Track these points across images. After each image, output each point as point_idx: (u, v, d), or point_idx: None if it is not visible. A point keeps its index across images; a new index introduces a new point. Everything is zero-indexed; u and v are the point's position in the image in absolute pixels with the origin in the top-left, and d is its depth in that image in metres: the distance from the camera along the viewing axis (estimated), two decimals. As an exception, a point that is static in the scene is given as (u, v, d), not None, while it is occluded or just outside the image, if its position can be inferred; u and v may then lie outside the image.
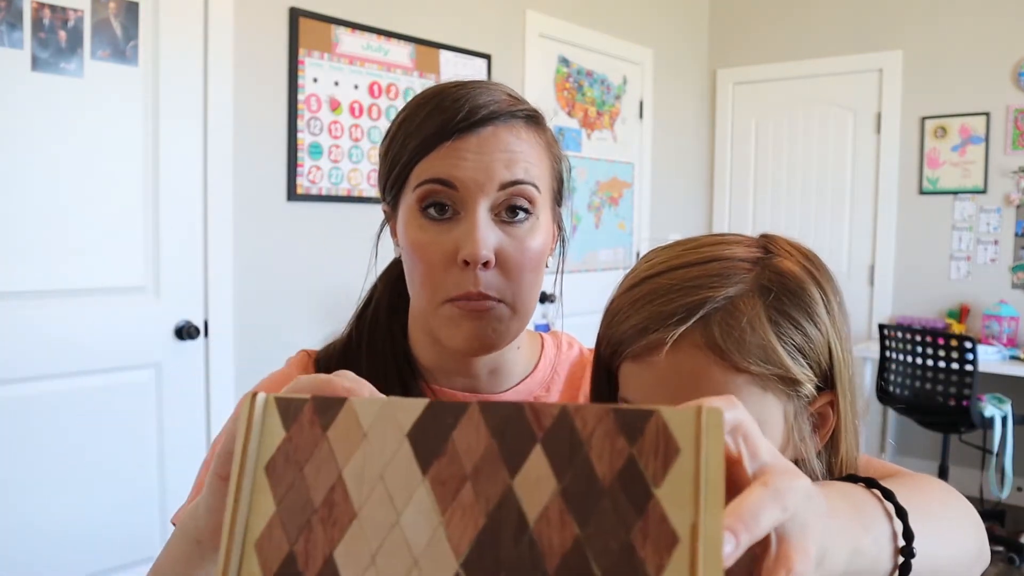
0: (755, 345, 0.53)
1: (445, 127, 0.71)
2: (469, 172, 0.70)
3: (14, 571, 2.06)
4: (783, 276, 0.56)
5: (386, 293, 0.84)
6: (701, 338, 0.53)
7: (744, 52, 4.55)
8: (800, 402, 0.56)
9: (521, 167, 0.72)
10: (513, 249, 0.72)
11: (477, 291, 0.70)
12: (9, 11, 1.99)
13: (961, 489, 3.96)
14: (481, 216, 0.70)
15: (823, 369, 0.56)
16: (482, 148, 0.71)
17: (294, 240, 2.63)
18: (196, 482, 0.79)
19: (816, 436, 0.57)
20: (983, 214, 3.87)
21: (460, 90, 0.74)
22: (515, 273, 0.72)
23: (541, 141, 0.76)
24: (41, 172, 2.08)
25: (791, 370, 0.54)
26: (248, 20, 2.47)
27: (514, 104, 0.75)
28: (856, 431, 0.59)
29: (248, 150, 2.50)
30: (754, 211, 4.58)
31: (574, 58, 3.74)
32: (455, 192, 0.71)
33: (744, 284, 0.54)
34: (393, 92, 2.88)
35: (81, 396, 2.17)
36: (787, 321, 0.54)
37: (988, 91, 3.82)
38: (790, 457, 0.57)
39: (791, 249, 0.59)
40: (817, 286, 0.56)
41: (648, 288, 0.56)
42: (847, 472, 0.59)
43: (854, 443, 0.59)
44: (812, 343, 0.55)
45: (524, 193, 0.72)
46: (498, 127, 0.73)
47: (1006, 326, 3.68)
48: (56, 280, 2.12)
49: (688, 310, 0.53)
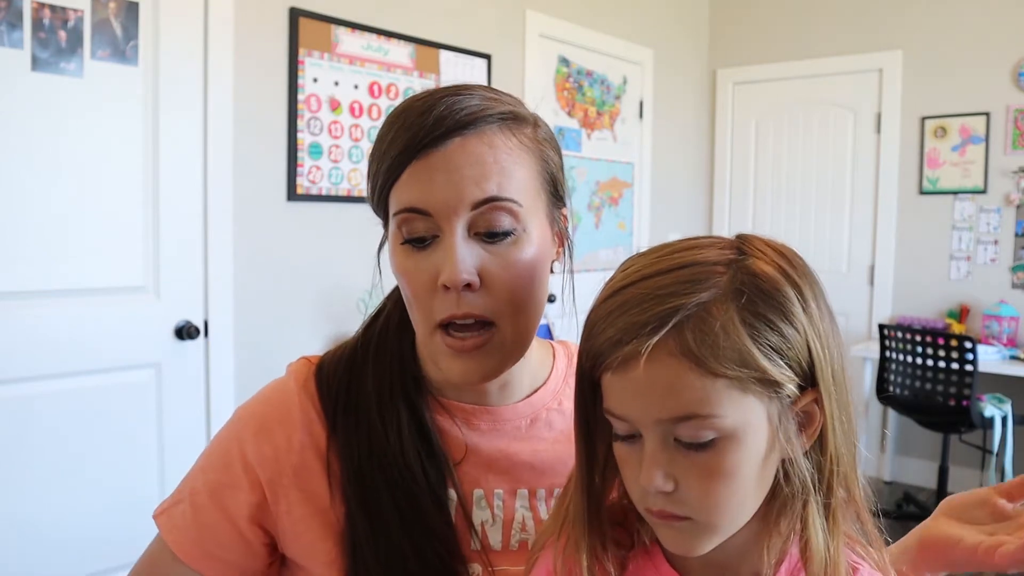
0: (730, 349, 0.53)
1: (409, 146, 0.68)
2: (439, 195, 0.67)
3: (13, 571, 2.06)
4: (756, 277, 0.55)
5: (396, 308, 0.81)
6: (676, 346, 0.53)
7: (744, 52, 4.55)
8: (783, 402, 0.55)
9: (494, 182, 0.68)
10: (497, 267, 0.69)
11: (462, 312, 0.68)
12: (9, 11, 1.99)
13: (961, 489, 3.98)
14: (458, 239, 0.67)
15: (804, 368, 0.55)
16: (449, 165, 0.67)
17: (294, 240, 2.63)
18: (188, 487, 0.77)
19: (803, 436, 0.57)
20: (983, 214, 3.87)
21: (426, 102, 0.70)
22: (503, 291, 0.69)
23: (522, 142, 0.71)
24: (41, 172, 2.08)
25: (769, 372, 0.53)
26: (248, 20, 2.47)
27: (486, 107, 0.70)
28: (848, 428, 0.58)
29: (248, 150, 2.50)
30: (754, 211, 4.58)
31: (574, 58, 3.74)
32: (429, 218, 0.68)
33: (717, 288, 0.54)
34: (393, 92, 2.88)
35: (81, 396, 2.17)
36: (762, 323, 0.54)
37: (988, 91, 3.82)
38: (777, 458, 0.57)
39: (765, 249, 0.58)
40: (792, 285, 0.56)
41: (622, 299, 0.56)
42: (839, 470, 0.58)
43: (845, 440, 0.58)
44: (789, 343, 0.54)
45: (500, 209, 0.68)
46: (466, 138, 0.68)
47: (1006, 326, 3.68)
48: (56, 280, 2.12)
49: (661, 319, 0.53)
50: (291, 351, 2.59)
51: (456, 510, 0.74)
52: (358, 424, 0.74)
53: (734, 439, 0.54)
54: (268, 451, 0.74)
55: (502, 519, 0.76)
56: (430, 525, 0.71)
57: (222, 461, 0.75)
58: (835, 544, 0.58)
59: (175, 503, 0.77)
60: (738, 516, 0.57)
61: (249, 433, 0.75)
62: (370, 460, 0.73)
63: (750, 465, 0.55)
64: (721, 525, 0.56)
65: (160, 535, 0.77)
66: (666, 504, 0.55)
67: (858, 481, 0.60)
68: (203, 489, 0.75)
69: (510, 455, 0.78)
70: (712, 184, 4.72)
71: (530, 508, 0.77)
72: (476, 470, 0.77)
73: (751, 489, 0.56)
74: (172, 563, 0.75)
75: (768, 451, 0.56)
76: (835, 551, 0.57)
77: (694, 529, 0.56)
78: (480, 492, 0.76)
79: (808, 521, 0.57)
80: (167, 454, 2.35)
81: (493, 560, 0.74)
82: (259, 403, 0.78)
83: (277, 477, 0.73)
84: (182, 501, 0.76)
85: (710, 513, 0.55)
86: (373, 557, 0.70)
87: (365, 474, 0.72)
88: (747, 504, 0.57)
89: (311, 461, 0.74)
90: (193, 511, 0.75)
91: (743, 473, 0.55)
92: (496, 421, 0.78)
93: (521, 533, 0.76)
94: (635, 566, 0.63)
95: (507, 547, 0.76)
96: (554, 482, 0.79)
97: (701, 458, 0.54)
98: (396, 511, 0.71)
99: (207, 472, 0.76)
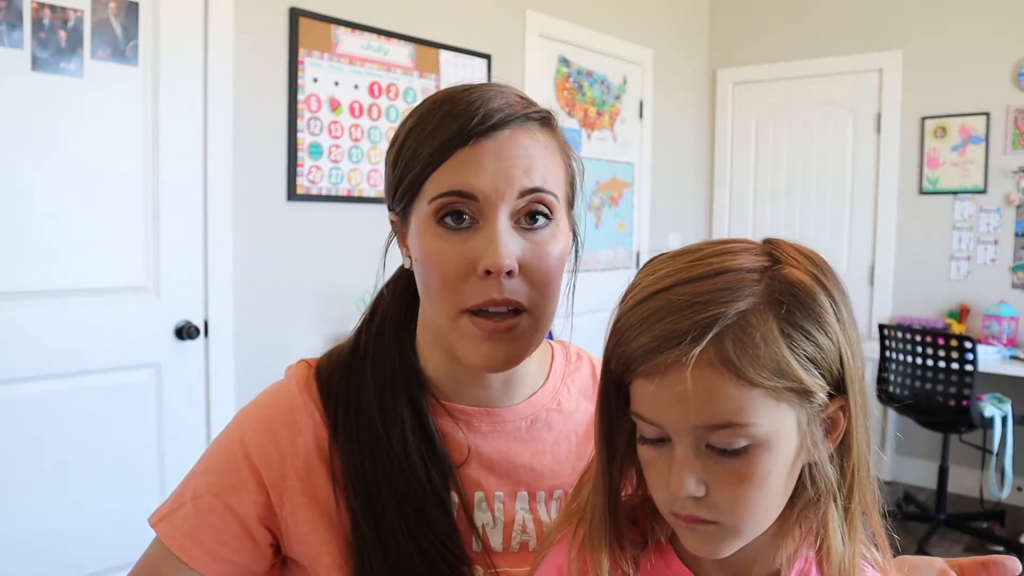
0: (768, 360, 0.53)
1: (461, 132, 0.68)
2: (488, 180, 0.68)
3: (13, 571, 2.06)
4: (793, 287, 0.55)
5: (393, 304, 0.81)
6: (715, 355, 0.52)
7: (744, 52, 4.55)
8: (812, 409, 0.56)
9: (539, 173, 0.71)
10: (535, 256, 0.70)
11: (502, 297, 0.68)
12: (9, 11, 1.99)
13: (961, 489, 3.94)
14: (502, 225, 0.68)
15: (835, 377, 0.56)
16: (500, 154, 0.69)
17: (294, 240, 2.63)
18: (189, 491, 0.75)
19: (828, 440, 0.58)
20: (983, 214, 3.87)
21: (472, 93, 0.71)
22: (539, 280, 0.70)
23: (555, 143, 0.75)
24: (41, 172, 2.08)
25: (804, 382, 0.54)
26: (248, 20, 2.47)
27: (527, 106, 0.73)
28: (868, 432, 0.59)
29: (248, 150, 2.50)
30: (754, 211, 4.58)
31: (574, 58, 3.74)
32: (474, 202, 0.69)
33: (754, 297, 0.54)
34: (393, 92, 2.88)
35: (81, 396, 2.17)
36: (799, 333, 0.54)
37: (988, 91, 3.82)
38: (803, 462, 0.57)
39: (797, 255, 0.58)
40: (827, 294, 0.56)
41: (656, 304, 0.55)
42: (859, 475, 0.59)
43: (866, 444, 0.59)
44: (824, 352, 0.55)
45: (543, 200, 0.71)
46: (515, 130, 0.71)
47: (1006, 326, 3.68)
48: (56, 280, 2.12)
49: (701, 328, 0.53)
50: (291, 351, 2.59)
51: (458, 512, 0.74)
52: (359, 429, 0.74)
53: (766, 446, 0.54)
54: (273, 453, 0.74)
55: (503, 521, 0.76)
56: (436, 530, 0.71)
57: (226, 463, 0.75)
58: (852, 547, 0.58)
59: (175, 508, 0.75)
60: (764, 520, 0.57)
61: (253, 435, 0.75)
62: (374, 466, 0.73)
63: (779, 471, 0.55)
64: (747, 529, 0.56)
65: (159, 540, 0.76)
66: (695, 509, 0.55)
67: (871, 484, 0.61)
68: (207, 491, 0.74)
69: (510, 457, 0.78)
70: (712, 184, 4.72)
71: (530, 511, 0.78)
72: (477, 472, 0.77)
73: (778, 494, 0.57)
74: (176, 567, 0.74)
75: (796, 457, 0.56)
76: (851, 554, 0.58)
77: (720, 533, 0.56)
78: (481, 495, 0.77)
79: (828, 524, 0.57)
80: (167, 454, 2.35)
81: (495, 562, 0.75)
82: (261, 406, 0.78)
83: (282, 479, 0.73)
84: (183, 505, 0.75)
85: (738, 518, 0.55)
86: (380, 563, 0.70)
87: (369, 481, 0.72)
88: (772, 508, 0.57)
89: (315, 464, 0.74)
90: (197, 514, 0.74)
91: (773, 479, 0.55)
92: (497, 423, 0.79)
93: (522, 535, 0.77)
94: (649, 565, 0.64)
95: (508, 549, 0.76)
96: (553, 484, 0.79)
97: (733, 464, 0.54)
98: (402, 517, 0.71)
99: (210, 474, 0.75)
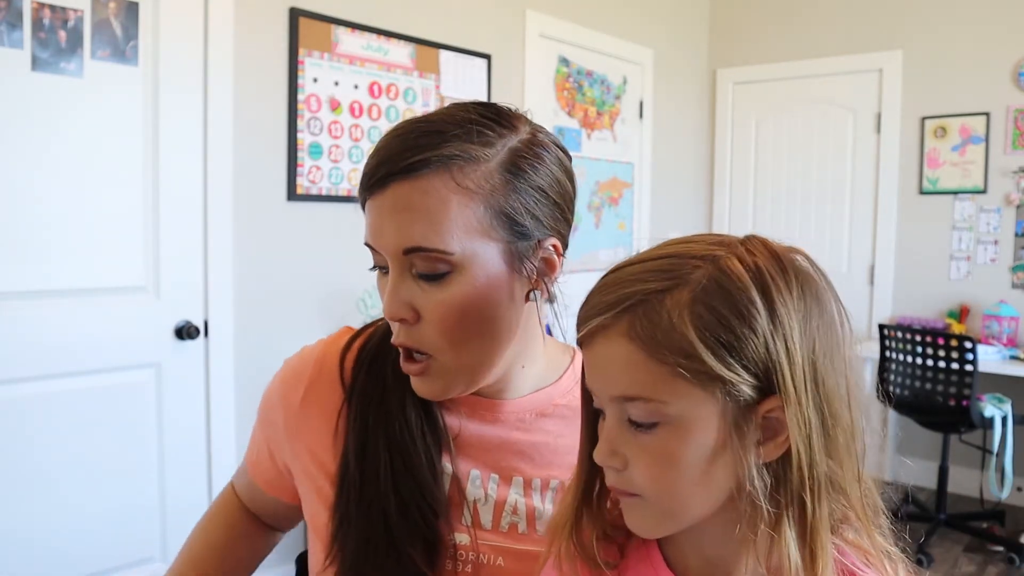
0: (676, 339, 0.54)
1: (362, 186, 0.72)
2: (375, 237, 0.72)
3: (14, 571, 2.06)
4: (725, 275, 0.55)
5: None
6: (628, 328, 0.55)
7: (744, 52, 4.55)
8: (738, 403, 0.54)
9: (418, 231, 0.68)
10: (429, 304, 0.71)
11: (399, 342, 0.74)
12: (9, 11, 1.99)
13: (961, 489, 3.94)
14: (395, 276, 0.71)
15: (763, 372, 0.54)
16: (381, 211, 0.70)
17: (294, 240, 2.63)
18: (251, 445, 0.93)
19: (768, 445, 0.55)
20: (983, 214, 3.87)
21: (384, 139, 0.72)
22: (444, 328, 0.71)
23: (463, 184, 0.68)
24: (41, 172, 2.08)
25: (713, 368, 0.53)
26: (248, 20, 2.47)
27: (430, 149, 0.67)
28: (842, 438, 0.56)
29: (248, 150, 2.50)
30: (754, 211, 4.57)
31: (574, 58, 3.74)
32: (379, 253, 0.73)
33: (683, 280, 0.55)
34: (393, 92, 2.88)
35: (81, 396, 2.17)
36: (714, 318, 0.53)
37: (988, 91, 3.82)
38: (729, 462, 0.55)
39: (759, 249, 0.57)
40: (763, 289, 0.54)
41: (604, 281, 0.59)
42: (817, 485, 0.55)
43: (829, 452, 0.55)
44: (743, 344, 0.53)
45: (426, 258, 0.69)
46: (400, 184, 0.68)
47: (1006, 326, 3.68)
48: (56, 280, 2.12)
49: (621, 301, 0.56)
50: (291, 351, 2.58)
51: (451, 483, 0.78)
52: (371, 394, 0.80)
53: (679, 428, 0.55)
54: (294, 399, 0.84)
55: (495, 500, 0.79)
56: (417, 479, 0.75)
57: (261, 402, 0.90)
58: (820, 561, 0.55)
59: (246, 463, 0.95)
60: (688, 505, 0.57)
61: (278, 382, 0.87)
62: (376, 418, 0.78)
63: (695, 457, 0.55)
64: (672, 509, 0.57)
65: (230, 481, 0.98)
66: (616, 480, 0.58)
67: (861, 491, 0.58)
68: (256, 425, 0.92)
69: (508, 444, 0.80)
70: (712, 184, 4.72)
71: (524, 495, 0.79)
72: (473, 452, 0.80)
73: (697, 481, 0.56)
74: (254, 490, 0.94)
75: (718, 449, 0.55)
76: (818, 566, 0.55)
77: (645, 508, 0.57)
78: (476, 472, 0.79)
79: (781, 533, 0.55)
80: (167, 454, 2.35)
81: (481, 535, 0.77)
82: (297, 359, 0.88)
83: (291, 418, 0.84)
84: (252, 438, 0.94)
85: (656, 495, 0.56)
86: (356, 501, 0.75)
87: (368, 427, 0.78)
88: (696, 496, 0.56)
89: (321, 410, 0.82)
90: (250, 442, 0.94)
91: (687, 464, 0.55)
92: (498, 412, 0.81)
93: (512, 516, 0.78)
94: (634, 570, 0.64)
95: (497, 527, 0.78)
96: (551, 474, 0.80)
97: (646, 439, 0.56)
98: (387, 455, 0.76)
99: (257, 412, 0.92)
